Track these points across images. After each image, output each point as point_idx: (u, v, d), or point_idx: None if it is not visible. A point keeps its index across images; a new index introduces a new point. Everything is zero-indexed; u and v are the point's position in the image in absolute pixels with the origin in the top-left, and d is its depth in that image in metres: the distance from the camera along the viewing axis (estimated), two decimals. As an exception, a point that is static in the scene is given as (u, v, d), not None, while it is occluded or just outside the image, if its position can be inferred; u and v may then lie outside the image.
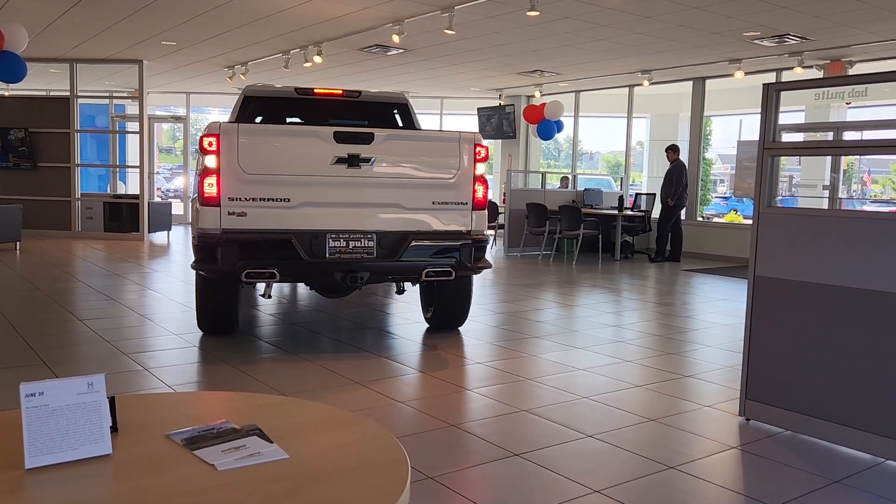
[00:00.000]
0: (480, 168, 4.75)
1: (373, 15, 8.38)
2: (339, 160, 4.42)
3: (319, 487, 1.30)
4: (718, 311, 6.88)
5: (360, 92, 5.76)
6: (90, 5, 8.37)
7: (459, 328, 5.62)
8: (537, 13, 7.57)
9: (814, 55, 9.80)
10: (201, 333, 5.22)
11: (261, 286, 4.71)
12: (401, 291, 5.20)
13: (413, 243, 4.55)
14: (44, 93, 14.65)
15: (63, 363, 4.41)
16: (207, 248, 4.37)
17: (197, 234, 4.41)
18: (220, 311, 5.05)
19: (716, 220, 14.24)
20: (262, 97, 5.79)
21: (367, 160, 4.47)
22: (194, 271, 4.87)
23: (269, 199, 4.34)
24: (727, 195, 18.80)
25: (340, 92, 5.71)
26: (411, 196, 4.60)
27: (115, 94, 15.41)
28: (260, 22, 8.89)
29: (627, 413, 3.72)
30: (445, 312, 5.49)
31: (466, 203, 4.71)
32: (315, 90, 5.67)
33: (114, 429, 1.45)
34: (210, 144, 4.27)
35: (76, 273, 8.27)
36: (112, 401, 1.46)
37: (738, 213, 16.24)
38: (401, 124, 5.99)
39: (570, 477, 2.88)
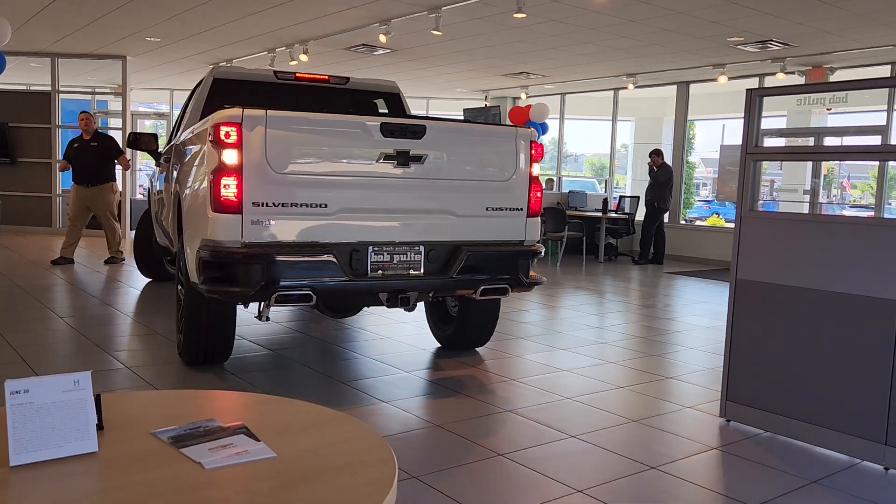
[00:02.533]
0: (536, 168, 4.19)
1: (359, 14, 8.37)
2: (387, 157, 3.73)
3: (307, 486, 1.30)
4: (700, 313, 6.94)
5: (347, 78, 5.32)
6: (73, 0, 8.28)
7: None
8: (524, 15, 7.60)
9: (796, 61, 9.92)
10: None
11: (253, 305, 4.04)
12: (412, 308, 4.22)
13: (468, 256, 3.90)
14: (24, 87, 14.46)
15: (43, 361, 4.37)
16: (224, 266, 3.58)
17: (207, 247, 3.57)
18: (216, 338, 4.19)
19: (698, 223, 14.36)
20: (236, 80, 5.11)
21: (419, 158, 3.79)
22: (180, 290, 4.22)
23: (302, 205, 3.58)
24: (710, 199, 18.97)
25: (326, 77, 5.24)
26: (464, 200, 3.97)
27: (97, 90, 15.25)
28: (245, 19, 8.84)
29: (610, 414, 3.75)
30: (470, 330, 4.90)
31: (522, 209, 4.13)
32: (297, 74, 5.18)
33: (99, 426, 1.45)
34: (228, 136, 3.45)
35: (56, 269, 8.18)
36: (98, 398, 1.46)
37: (721, 216, 16.39)
38: None
39: (554, 477, 2.90)
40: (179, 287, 4.37)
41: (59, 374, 1.40)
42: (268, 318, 4.01)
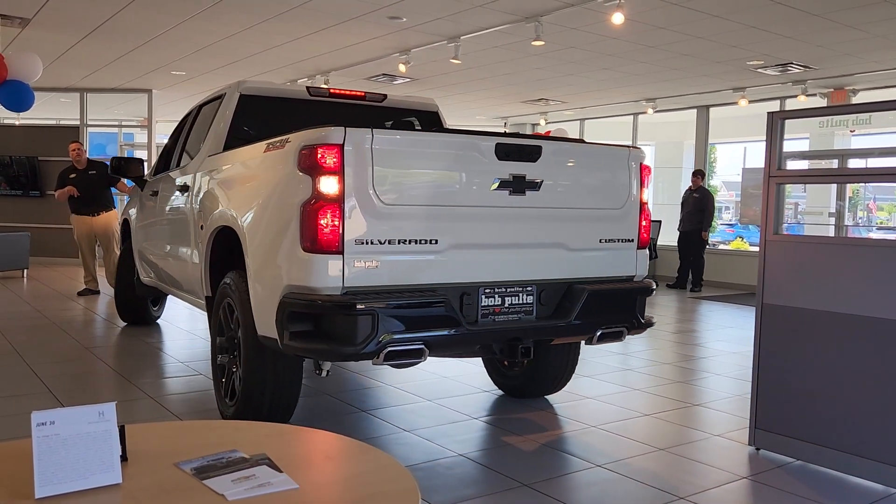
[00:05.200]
0: (646, 194, 3.76)
1: (380, 45, 8.49)
2: (503, 184, 3.26)
3: (329, 518, 1.29)
4: (726, 338, 6.84)
5: (384, 95, 4.93)
6: (100, 37, 8.51)
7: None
8: (542, 43, 7.66)
9: (817, 84, 9.87)
10: (210, 362, 4.18)
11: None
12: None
13: (588, 297, 3.44)
14: (54, 121, 14.83)
15: (69, 391, 4.41)
16: (320, 318, 3.00)
17: (297, 295, 2.99)
18: (282, 401, 3.52)
19: (721, 247, 14.22)
20: (265, 97, 4.56)
21: (535, 184, 3.32)
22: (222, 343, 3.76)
23: (411, 242, 3.06)
24: (733, 222, 18.79)
25: (362, 94, 4.82)
26: (578, 232, 3.52)
27: (124, 123, 15.58)
28: (268, 52, 9.01)
29: (636, 442, 3.69)
30: (545, 377, 4.33)
31: (633, 240, 3.71)
32: (332, 90, 4.73)
33: (123, 458, 1.45)
34: (324, 159, 2.90)
35: (82, 300, 8.28)
36: (122, 430, 1.46)
37: (745, 240, 16.20)
38: None
39: (580, 507, 2.85)
40: (219, 342, 3.84)
41: (85, 406, 1.41)
42: (328, 373, 3.44)
